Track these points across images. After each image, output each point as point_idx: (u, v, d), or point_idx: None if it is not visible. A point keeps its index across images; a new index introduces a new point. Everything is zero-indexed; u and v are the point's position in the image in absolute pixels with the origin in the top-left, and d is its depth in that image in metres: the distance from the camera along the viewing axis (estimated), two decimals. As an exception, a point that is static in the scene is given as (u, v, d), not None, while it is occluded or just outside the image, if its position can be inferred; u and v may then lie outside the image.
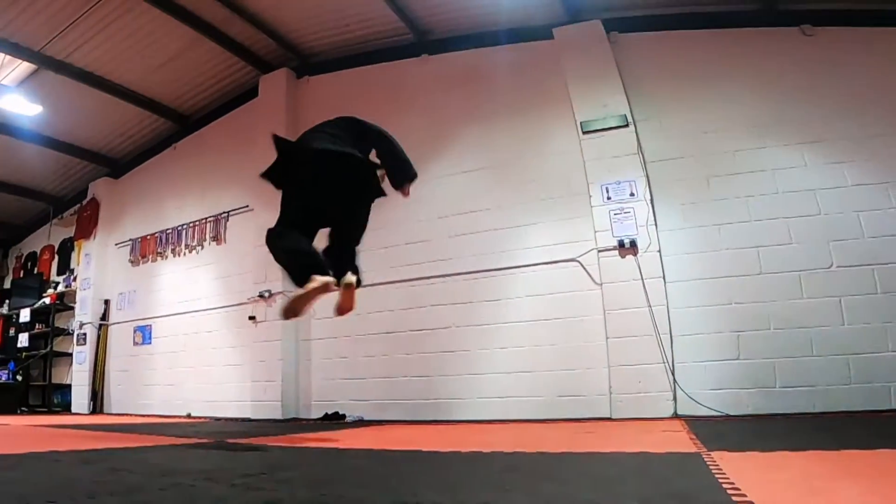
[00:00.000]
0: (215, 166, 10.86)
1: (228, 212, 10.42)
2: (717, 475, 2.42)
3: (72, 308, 12.52)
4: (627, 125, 7.40)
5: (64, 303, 12.82)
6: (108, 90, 10.27)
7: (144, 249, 11.70)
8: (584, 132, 7.57)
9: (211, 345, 10.13)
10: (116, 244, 12.32)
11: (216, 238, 10.52)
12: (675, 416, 6.36)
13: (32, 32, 8.62)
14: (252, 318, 9.09)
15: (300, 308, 4.18)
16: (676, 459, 3.16)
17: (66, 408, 11.80)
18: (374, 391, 8.27)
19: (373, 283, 8.21)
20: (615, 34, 7.94)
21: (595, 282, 7.19)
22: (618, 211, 7.16)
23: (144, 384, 10.99)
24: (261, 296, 9.01)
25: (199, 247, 10.78)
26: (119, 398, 11.42)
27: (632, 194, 7.16)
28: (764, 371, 6.35)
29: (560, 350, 7.24)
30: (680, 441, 4.06)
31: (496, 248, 7.88)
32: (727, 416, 6.22)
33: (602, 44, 7.85)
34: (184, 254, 11.03)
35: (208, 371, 10.03)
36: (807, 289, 6.40)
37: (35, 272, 14.31)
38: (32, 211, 14.58)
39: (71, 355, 12.14)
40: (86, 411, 11.30)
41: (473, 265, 7.97)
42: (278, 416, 8.55)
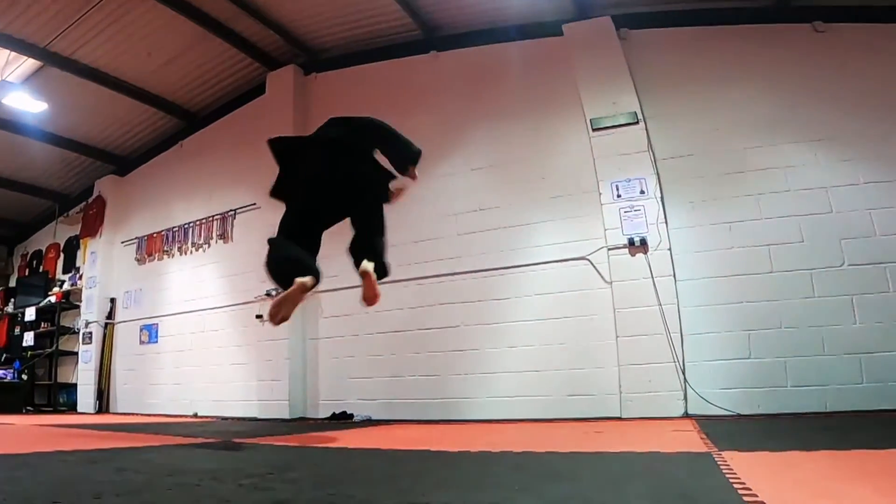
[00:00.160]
0: (222, 164, 10.83)
1: (235, 210, 10.39)
2: (728, 475, 2.41)
3: (77, 307, 12.52)
4: (637, 122, 7.35)
5: (70, 301, 12.80)
6: (114, 87, 10.25)
7: (151, 248, 11.68)
8: (594, 129, 7.53)
9: (217, 344, 10.11)
10: (123, 242, 12.30)
11: (223, 236, 10.50)
12: (686, 416, 6.33)
13: (37, 29, 8.59)
14: (259, 317, 9.02)
15: (283, 311, 4.13)
16: (687, 459, 3.16)
17: (72, 407, 11.79)
18: (382, 390, 8.23)
19: (380, 282, 8.21)
20: (625, 31, 7.89)
21: (605, 280, 7.15)
22: (628, 209, 7.12)
23: (150, 383, 10.98)
24: (268, 294, 8.96)
25: (206, 245, 10.76)
26: (125, 397, 11.40)
27: (642, 192, 7.11)
28: (775, 370, 6.31)
29: (569, 349, 7.21)
30: (690, 441, 4.05)
31: (505, 246, 7.85)
32: (738, 416, 6.19)
33: (612, 40, 7.80)
34: (190, 252, 11.02)
35: (215, 370, 10.00)
36: (818, 287, 6.36)
37: (40, 270, 14.29)
38: (38, 209, 14.58)
39: (76, 354, 12.11)
40: (91, 411, 11.27)
41: (482, 263, 7.93)
42: (285, 416, 8.52)
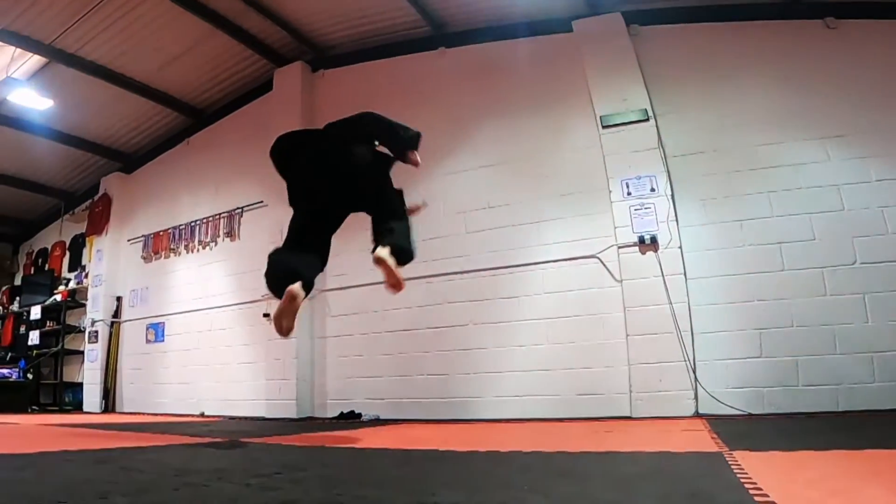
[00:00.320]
0: (229, 161, 10.82)
1: (242, 207, 10.38)
2: (739, 475, 2.42)
3: (83, 305, 12.52)
4: (648, 119, 7.31)
5: (75, 300, 12.82)
6: (120, 84, 10.24)
7: (157, 246, 11.68)
8: (604, 126, 7.49)
9: (224, 342, 10.10)
10: (129, 240, 12.30)
11: (230, 234, 10.49)
12: (697, 415, 6.30)
13: (43, 25, 8.58)
14: (266, 316, 8.96)
15: (285, 322, 4.01)
16: (698, 459, 3.17)
17: (78, 406, 11.79)
18: (391, 390, 8.22)
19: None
20: (635, 27, 7.84)
21: (615, 278, 7.12)
22: (638, 206, 7.08)
23: (157, 382, 10.98)
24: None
25: (213, 243, 10.75)
26: (131, 397, 11.41)
27: (652, 189, 7.07)
28: (786, 369, 6.28)
29: (579, 348, 7.18)
30: (701, 440, 4.05)
31: (514, 244, 7.82)
32: (749, 415, 6.16)
33: (622, 37, 7.76)
34: (197, 250, 11.01)
35: (222, 369, 10.00)
36: (830, 285, 6.33)
37: (46, 269, 14.33)
38: (43, 206, 14.59)
39: (82, 353, 12.13)
40: (97, 410, 11.28)
41: (491, 261, 7.90)
42: (293, 416, 8.51)
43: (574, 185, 7.65)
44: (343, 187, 4.44)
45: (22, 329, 13.41)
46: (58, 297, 12.92)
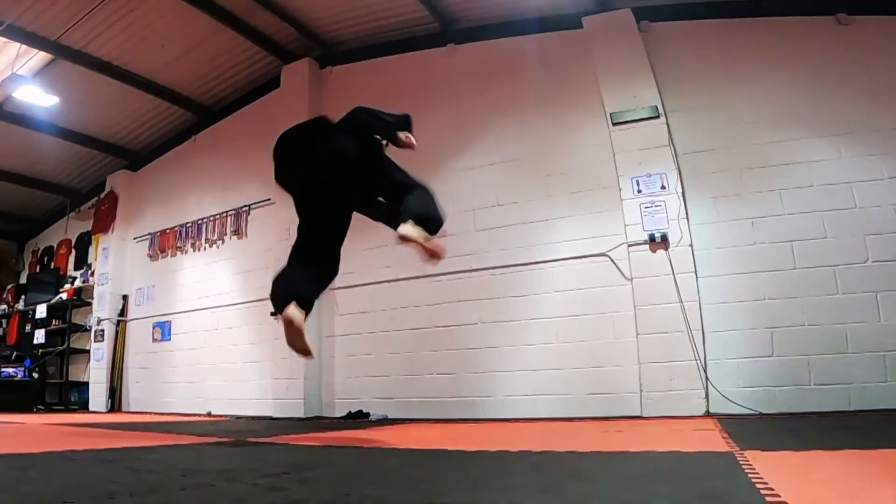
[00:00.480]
0: (236, 158, 10.79)
1: (249, 205, 10.37)
2: (751, 475, 2.40)
3: (89, 304, 12.52)
4: (658, 116, 7.27)
5: (81, 298, 12.82)
6: (126, 80, 10.24)
7: (164, 244, 11.67)
8: (614, 124, 7.45)
9: (231, 341, 10.09)
10: (135, 238, 12.29)
11: (237, 232, 10.48)
12: (708, 415, 6.27)
13: (49, 21, 8.57)
14: (274, 315, 8.97)
15: (295, 343, 3.95)
16: (709, 459, 3.13)
17: (84, 406, 11.80)
18: (399, 389, 8.20)
19: (397, 279, 8.24)
20: (646, 23, 7.80)
21: (625, 277, 7.08)
22: (648, 204, 7.04)
23: (164, 381, 10.98)
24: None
25: (220, 241, 10.73)
26: (138, 396, 11.41)
27: (663, 187, 7.03)
28: (798, 368, 6.24)
29: (589, 347, 7.15)
30: (712, 440, 4.03)
31: (524, 243, 7.79)
32: (760, 415, 6.12)
33: (632, 33, 7.72)
34: (204, 248, 11.00)
35: (229, 368, 9.99)
36: (842, 284, 6.28)
37: (51, 267, 14.32)
38: (49, 204, 14.59)
39: (88, 352, 12.12)
40: (104, 409, 11.27)
41: (500, 260, 7.88)
42: (301, 415, 8.49)
43: (584, 183, 7.62)
44: (343, 186, 4.40)
45: (27, 328, 13.36)
46: (63, 296, 12.91)
